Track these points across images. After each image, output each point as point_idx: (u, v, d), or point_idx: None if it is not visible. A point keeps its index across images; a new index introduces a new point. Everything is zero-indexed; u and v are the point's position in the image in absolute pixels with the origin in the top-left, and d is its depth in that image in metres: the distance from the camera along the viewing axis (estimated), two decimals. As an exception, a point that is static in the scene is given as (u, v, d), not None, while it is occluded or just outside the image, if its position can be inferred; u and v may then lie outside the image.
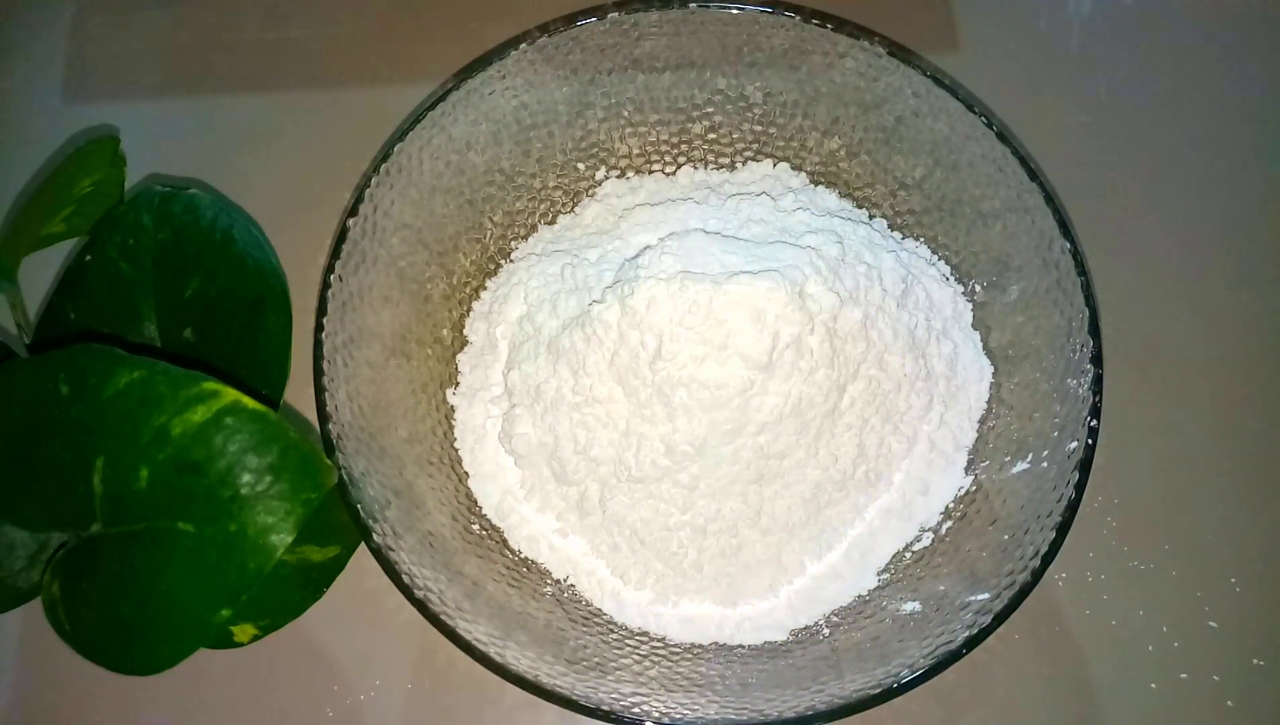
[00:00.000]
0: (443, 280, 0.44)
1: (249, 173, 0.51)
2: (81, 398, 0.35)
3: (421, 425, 0.42)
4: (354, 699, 0.42)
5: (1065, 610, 0.42)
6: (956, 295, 0.43)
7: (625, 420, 0.38)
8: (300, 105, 0.53)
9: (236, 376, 0.38)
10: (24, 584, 0.38)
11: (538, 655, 0.36)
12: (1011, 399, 0.41)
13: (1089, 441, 0.35)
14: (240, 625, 0.38)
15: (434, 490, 0.40)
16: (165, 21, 0.56)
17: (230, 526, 0.34)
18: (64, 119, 0.53)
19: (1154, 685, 0.41)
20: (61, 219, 0.44)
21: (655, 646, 0.39)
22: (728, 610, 0.40)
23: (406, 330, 0.42)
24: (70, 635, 0.36)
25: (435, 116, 0.41)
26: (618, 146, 0.46)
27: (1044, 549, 0.34)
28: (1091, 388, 0.36)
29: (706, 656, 0.39)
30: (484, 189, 0.45)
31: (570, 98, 0.44)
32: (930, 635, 0.35)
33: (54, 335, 0.43)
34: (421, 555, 0.37)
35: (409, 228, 0.42)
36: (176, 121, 0.53)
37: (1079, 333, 0.37)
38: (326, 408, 0.37)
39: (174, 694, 0.42)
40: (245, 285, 0.43)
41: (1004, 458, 0.40)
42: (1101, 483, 0.43)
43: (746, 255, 0.38)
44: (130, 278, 0.43)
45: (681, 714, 0.35)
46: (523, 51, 0.41)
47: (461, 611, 0.35)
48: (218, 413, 0.34)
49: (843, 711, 0.33)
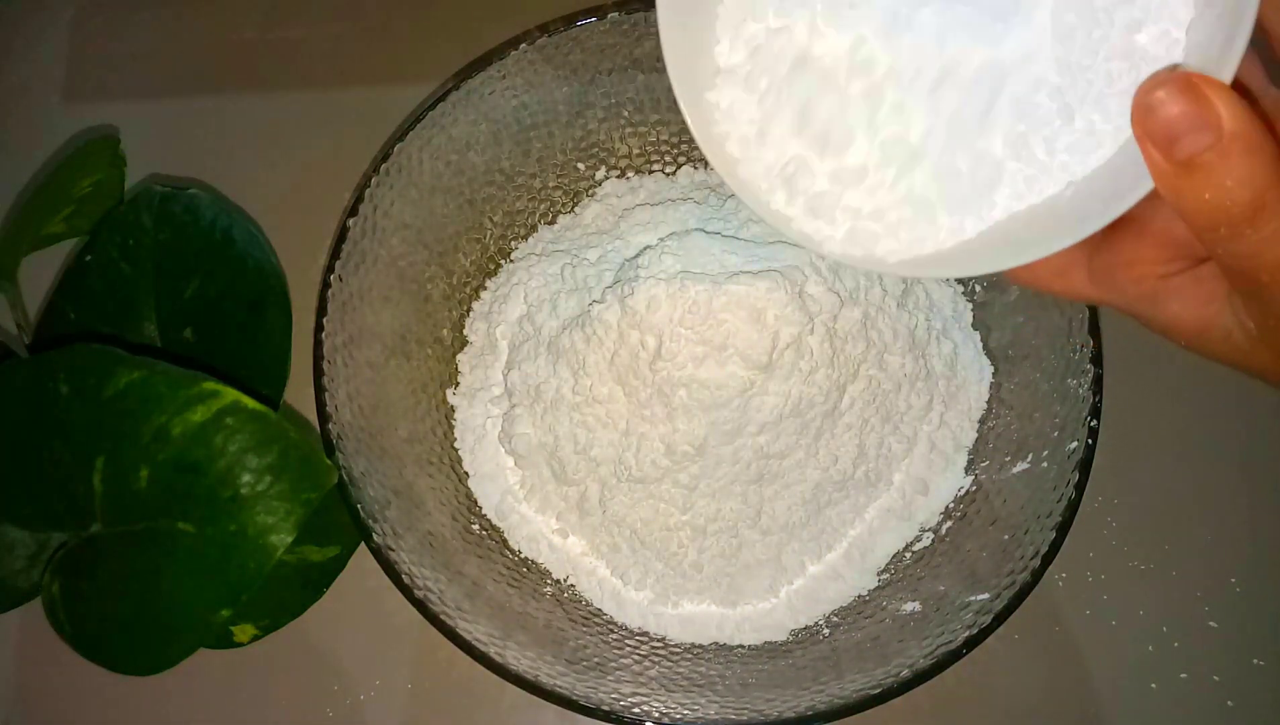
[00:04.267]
0: (443, 280, 0.44)
1: (249, 173, 0.51)
2: (81, 398, 0.35)
3: (421, 425, 0.42)
4: (354, 699, 0.42)
5: (1065, 610, 0.42)
6: (956, 295, 0.43)
7: (625, 420, 0.38)
8: (300, 105, 0.53)
9: (236, 376, 0.38)
10: (24, 584, 0.38)
11: (538, 655, 0.36)
12: (1011, 399, 0.41)
13: (1089, 441, 0.35)
14: (240, 625, 0.38)
15: (434, 490, 0.40)
16: (165, 21, 0.56)
17: (230, 526, 0.34)
18: (64, 119, 0.53)
19: (1154, 685, 0.41)
20: (61, 219, 0.44)
21: (655, 646, 0.39)
22: (728, 610, 0.40)
23: (406, 330, 0.42)
24: (70, 635, 0.36)
25: (435, 116, 0.41)
26: (618, 146, 0.46)
27: (1044, 549, 0.34)
28: (1091, 388, 0.36)
29: (706, 657, 0.39)
30: (484, 189, 0.45)
31: (570, 98, 0.44)
32: (930, 635, 0.35)
33: (54, 335, 0.43)
34: (421, 555, 0.37)
35: (409, 228, 0.42)
36: (176, 121, 0.53)
37: (1079, 333, 0.37)
38: (326, 408, 0.37)
39: (174, 694, 0.42)
40: (245, 285, 0.43)
41: (1004, 458, 0.40)
42: (1101, 483, 0.43)
43: (746, 255, 0.38)
44: (130, 278, 0.43)
45: (681, 714, 0.35)
46: (523, 51, 0.41)
47: (461, 611, 0.35)
48: (218, 413, 0.34)
49: (843, 711, 0.33)
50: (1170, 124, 0.20)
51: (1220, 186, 0.20)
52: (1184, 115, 0.20)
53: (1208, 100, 0.20)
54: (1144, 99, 0.21)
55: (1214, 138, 0.20)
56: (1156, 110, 0.21)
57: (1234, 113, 0.20)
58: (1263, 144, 0.20)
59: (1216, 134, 0.20)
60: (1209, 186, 0.20)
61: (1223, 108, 0.20)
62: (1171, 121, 0.20)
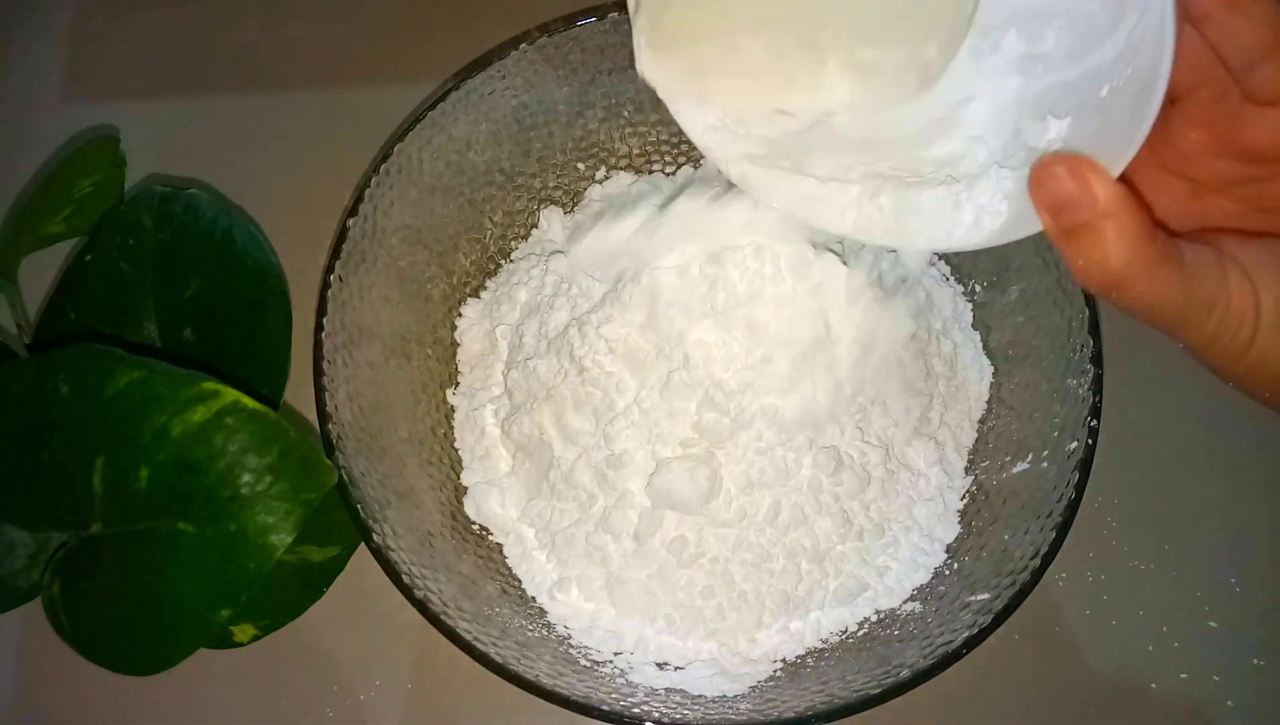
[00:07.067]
0: (443, 280, 0.44)
1: (249, 173, 0.51)
2: (81, 398, 0.35)
3: (421, 425, 0.42)
4: (354, 699, 0.42)
5: (1065, 610, 0.42)
6: (956, 295, 0.43)
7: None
8: (300, 105, 0.53)
9: (236, 376, 0.38)
10: (24, 584, 0.38)
11: (537, 655, 0.36)
12: (1011, 399, 0.41)
13: (1089, 441, 0.35)
14: (240, 625, 0.38)
15: (434, 490, 0.40)
16: (165, 21, 0.56)
17: (230, 526, 0.34)
18: (64, 119, 0.53)
19: (1154, 685, 0.41)
20: (61, 219, 0.44)
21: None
22: (727, 643, 0.39)
23: (406, 330, 0.42)
24: (70, 635, 0.36)
25: (435, 116, 0.41)
26: (618, 146, 0.46)
27: (1044, 549, 0.34)
28: (1091, 388, 0.36)
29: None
30: (484, 189, 0.45)
31: (570, 98, 0.44)
32: (930, 635, 0.35)
33: (54, 335, 0.43)
34: (421, 555, 0.37)
35: (409, 228, 0.42)
36: (176, 121, 0.53)
37: (1079, 333, 0.37)
38: (326, 408, 0.37)
39: (174, 694, 0.42)
40: (245, 285, 0.43)
41: (1004, 458, 0.40)
42: (1101, 483, 0.43)
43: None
44: (130, 278, 0.43)
45: (681, 714, 0.35)
46: (523, 51, 0.41)
47: (461, 611, 0.35)
48: (218, 413, 0.34)
49: (843, 711, 0.33)
50: (1056, 196, 0.24)
51: (1091, 256, 0.24)
52: (1068, 191, 0.24)
53: (1088, 182, 0.24)
54: (1039, 173, 0.25)
55: (1090, 214, 0.24)
56: (1046, 183, 0.25)
57: (1109, 195, 0.24)
58: (1129, 225, 0.24)
59: (1092, 211, 0.24)
60: (1082, 253, 0.24)
61: (1100, 190, 0.24)
62: (1058, 195, 0.24)
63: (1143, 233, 0.24)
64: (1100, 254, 0.24)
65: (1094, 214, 0.24)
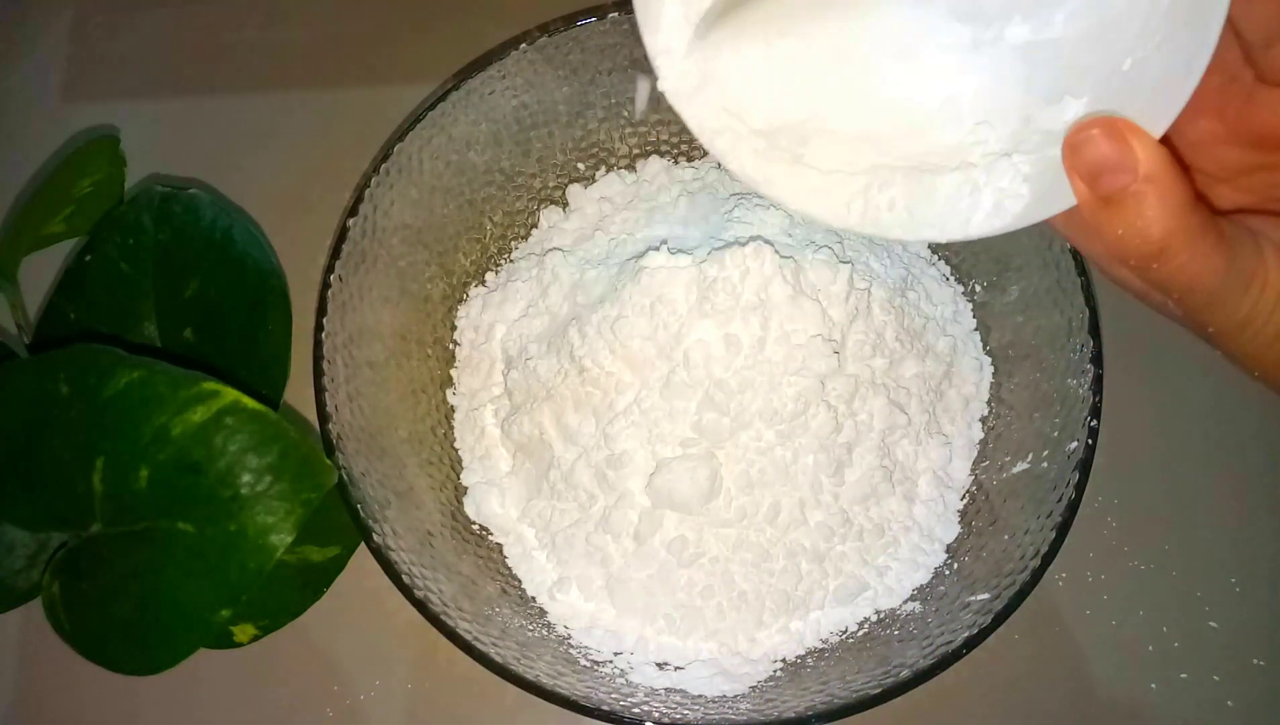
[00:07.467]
0: (443, 280, 0.44)
1: (249, 173, 0.51)
2: (81, 398, 0.35)
3: (421, 425, 0.42)
4: (354, 699, 0.42)
5: (1065, 610, 0.42)
6: (956, 295, 0.43)
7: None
8: (300, 105, 0.53)
9: (236, 376, 0.38)
10: (24, 584, 0.38)
11: (537, 655, 0.36)
12: (1011, 399, 0.41)
13: (1089, 441, 0.35)
14: (240, 625, 0.38)
15: (434, 490, 0.40)
16: (165, 21, 0.56)
17: (230, 526, 0.34)
18: (64, 119, 0.53)
19: (1154, 685, 0.41)
20: (61, 219, 0.44)
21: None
22: (728, 644, 0.39)
23: (406, 330, 0.42)
24: (70, 635, 0.36)
25: (435, 116, 0.41)
26: (618, 146, 0.46)
27: (1044, 549, 0.34)
28: (1091, 388, 0.36)
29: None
30: (484, 189, 0.45)
31: (570, 98, 0.44)
32: (930, 635, 0.35)
33: (54, 335, 0.43)
34: (421, 555, 0.37)
35: (409, 228, 0.42)
36: (176, 121, 0.53)
37: (1079, 333, 0.37)
38: (326, 408, 0.37)
39: (174, 694, 0.42)
40: (245, 285, 0.43)
41: (1004, 458, 0.40)
42: (1101, 483, 0.43)
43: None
44: (130, 278, 0.43)
45: (682, 714, 0.35)
46: (523, 51, 0.41)
47: (461, 611, 0.35)
48: (218, 413, 0.34)
49: (843, 711, 0.33)
50: (1094, 162, 0.23)
51: (1132, 224, 0.23)
52: (1107, 156, 0.23)
53: (1129, 145, 0.22)
54: (1074, 138, 0.23)
55: (1130, 178, 0.22)
56: (1083, 148, 0.23)
57: (1151, 158, 0.22)
58: (1173, 191, 0.22)
59: (1133, 175, 0.22)
60: (1122, 222, 0.23)
61: (1141, 153, 0.22)
62: (1096, 160, 0.23)
63: (1186, 199, 0.22)
64: (1142, 221, 0.22)
65: (1134, 178, 0.22)
